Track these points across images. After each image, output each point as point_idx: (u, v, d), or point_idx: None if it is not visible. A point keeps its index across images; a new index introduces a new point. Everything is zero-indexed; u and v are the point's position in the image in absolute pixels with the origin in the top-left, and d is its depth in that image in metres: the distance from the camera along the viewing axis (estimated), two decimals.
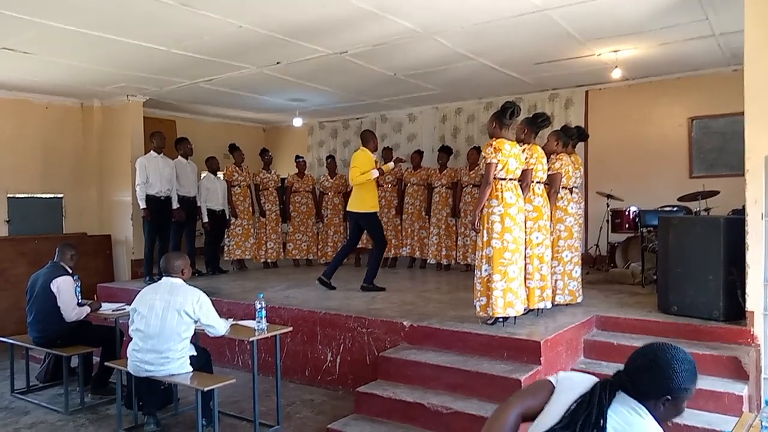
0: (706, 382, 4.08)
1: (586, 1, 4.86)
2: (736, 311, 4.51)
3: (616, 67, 6.72)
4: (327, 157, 9.40)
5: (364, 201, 6.36)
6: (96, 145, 8.79)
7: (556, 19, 5.29)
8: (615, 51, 6.35)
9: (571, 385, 1.94)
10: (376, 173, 6.43)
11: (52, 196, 8.55)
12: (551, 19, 5.28)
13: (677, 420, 3.73)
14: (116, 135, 8.60)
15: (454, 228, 8.05)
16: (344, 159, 10.20)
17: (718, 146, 7.41)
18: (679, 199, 6.65)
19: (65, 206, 8.69)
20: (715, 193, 6.41)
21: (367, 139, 6.49)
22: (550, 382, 1.98)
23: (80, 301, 5.12)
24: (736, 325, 4.47)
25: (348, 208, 6.57)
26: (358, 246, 8.26)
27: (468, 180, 7.81)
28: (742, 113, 4.39)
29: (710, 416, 3.86)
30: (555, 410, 1.90)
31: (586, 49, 6.29)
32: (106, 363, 4.81)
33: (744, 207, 4.39)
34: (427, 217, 8.28)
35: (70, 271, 5.13)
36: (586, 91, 8.25)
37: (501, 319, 4.62)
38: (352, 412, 4.28)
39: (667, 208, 6.67)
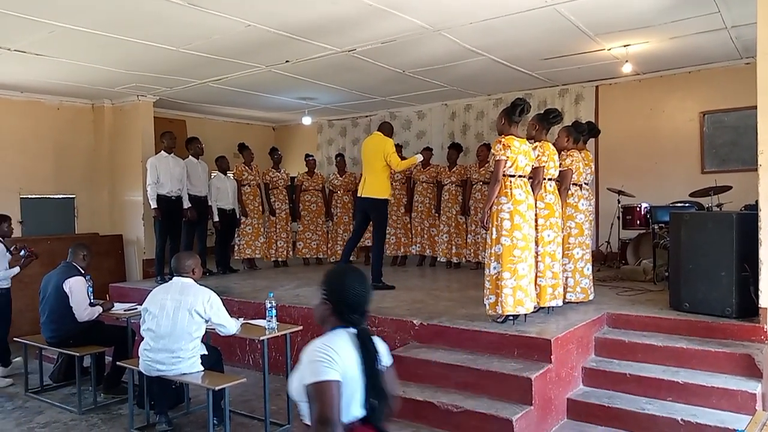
0: (718, 380, 4.05)
1: None
2: (748, 308, 4.46)
3: (626, 61, 6.65)
4: (336, 155, 9.36)
5: (382, 187, 6.32)
6: (107, 146, 8.84)
7: (565, 14, 5.25)
8: (625, 45, 6.29)
9: (349, 361, 2.09)
10: (420, 158, 6.67)
11: (64, 196, 8.62)
12: (560, 14, 5.24)
13: (690, 419, 3.73)
14: (127, 135, 8.65)
15: (464, 225, 8.01)
16: (353, 157, 10.20)
17: (730, 141, 7.32)
18: (691, 195, 6.58)
19: (77, 207, 8.76)
20: (727, 188, 6.34)
21: (390, 129, 6.54)
22: (337, 381, 2.02)
23: (92, 301, 5.17)
24: (749, 322, 4.42)
25: (363, 194, 6.36)
26: (366, 245, 8.30)
27: (478, 177, 7.77)
28: (755, 107, 4.34)
29: (723, 414, 3.83)
30: (349, 389, 2.07)
31: (596, 44, 6.24)
32: (118, 363, 4.84)
33: (757, 202, 4.34)
34: (436, 214, 8.25)
35: (83, 272, 5.18)
36: (597, 86, 8.18)
37: (512, 317, 4.60)
38: None
39: (679, 204, 6.61)
